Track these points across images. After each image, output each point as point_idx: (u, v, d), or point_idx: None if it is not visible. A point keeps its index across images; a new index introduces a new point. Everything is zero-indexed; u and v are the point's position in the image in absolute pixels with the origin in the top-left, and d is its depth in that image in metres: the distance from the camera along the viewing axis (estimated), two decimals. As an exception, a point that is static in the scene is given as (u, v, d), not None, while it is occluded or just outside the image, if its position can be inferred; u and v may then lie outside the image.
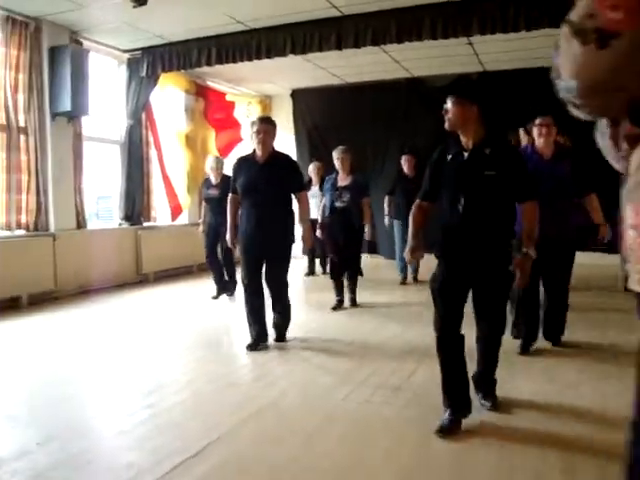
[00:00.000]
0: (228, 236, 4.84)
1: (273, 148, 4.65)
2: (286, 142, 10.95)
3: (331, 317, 5.82)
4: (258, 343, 4.60)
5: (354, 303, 6.28)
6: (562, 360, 4.10)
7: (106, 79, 8.22)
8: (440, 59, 8.55)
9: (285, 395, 3.46)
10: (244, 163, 4.71)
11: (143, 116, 8.42)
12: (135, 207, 8.28)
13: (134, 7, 5.16)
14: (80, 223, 7.34)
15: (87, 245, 7.30)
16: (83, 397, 3.55)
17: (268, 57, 7.12)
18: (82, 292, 7.10)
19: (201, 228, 7.02)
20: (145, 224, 8.51)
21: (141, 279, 8.22)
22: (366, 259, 10.23)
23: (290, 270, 4.74)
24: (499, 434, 2.84)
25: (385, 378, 3.71)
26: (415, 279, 7.83)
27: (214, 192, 6.80)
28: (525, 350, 4.33)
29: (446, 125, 2.97)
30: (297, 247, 5.65)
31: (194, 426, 2.99)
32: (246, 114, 10.55)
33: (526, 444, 2.72)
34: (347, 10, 6.54)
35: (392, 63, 8.81)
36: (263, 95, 11.22)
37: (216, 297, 6.89)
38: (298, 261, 8.20)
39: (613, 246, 7.73)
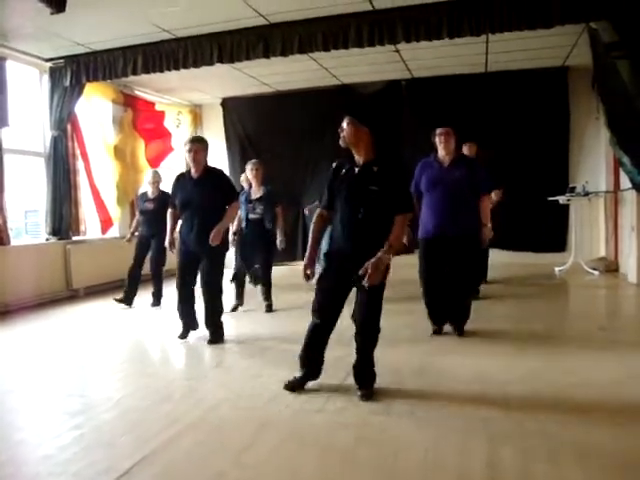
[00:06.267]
0: (167, 242, 5.23)
1: (206, 164, 5.03)
2: (218, 151, 10.87)
3: (264, 324, 5.81)
4: (186, 334, 5.13)
5: (270, 309, 6.42)
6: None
7: (28, 89, 7.94)
8: (368, 66, 8.68)
9: (218, 407, 3.40)
10: (181, 179, 5.11)
11: (69, 127, 8.15)
12: (63, 221, 8.00)
13: (52, 14, 4.97)
14: (3, 240, 7.03)
15: (11, 262, 7.00)
16: (6, 423, 3.38)
17: (195, 66, 7.05)
18: (7, 311, 6.80)
19: (127, 237, 7.34)
20: (74, 238, 8.24)
21: (71, 295, 7.95)
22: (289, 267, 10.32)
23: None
24: (422, 435, 2.87)
25: (317, 385, 3.69)
26: None
27: (150, 205, 7.05)
28: (436, 332, 4.94)
29: (340, 142, 3.42)
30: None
31: (123, 445, 2.90)
32: (176, 124, 10.41)
33: (448, 443, 2.77)
34: (274, 18, 6.55)
35: (321, 70, 8.88)
36: (193, 104, 11.10)
37: (122, 301, 7.03)
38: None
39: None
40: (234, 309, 6.43)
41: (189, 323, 5.14)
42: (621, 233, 8.40)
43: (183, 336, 5.12)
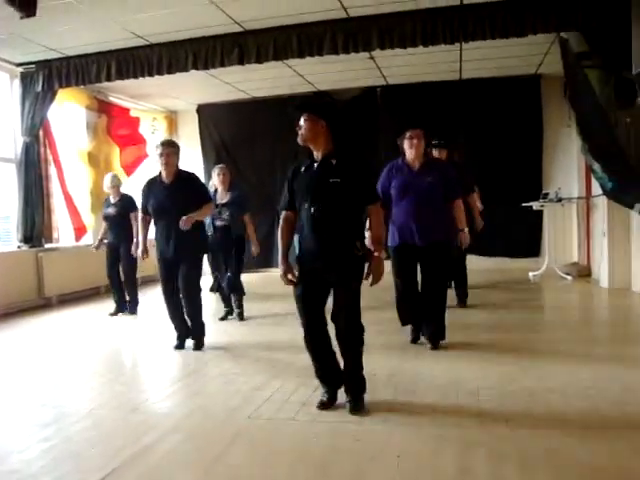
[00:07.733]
0: (140, 250, 5.21)
1: (177, 168, 4.93)
2: (193, 158, 10.82)
3: (239, 331, 5.79)
4: (182, 344, 5.03)
5: (241, 318, 6.29)
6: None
7: (-2, 94, 7.84)
8: (344, 73, 8.73)
9: (191, 416, 3.37)
10: (153, 185, 4.98)
11: (41, 133, 8.05)
12: (35, 228, 7.88)
13: (21, 18, 4.89)
14: (-28, 247, 6.93)
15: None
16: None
17: (169, 72, 7.02)
18: (-24, 320, 6.69)
19: (94, 244, 7.23)
20: (47, 245, 8.12)
21: (44, 303, 7.83)
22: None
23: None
24: (395, 443, 2.87)
25: (291, 393, 3.68)
26: None
27: (112, 210, 6.88)
28: (414, 341, 4.84)
29: (299, 139, 3.29)
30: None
31: (93, 457, 2.84)
32: (151, 130, 10.34)
33: (421, 450, 2.77)
34: (249, 25, 6.56)
35: (297, 77, 8.90)
36: (168, 110, 11.03)
37: (114, 314, 6.92)
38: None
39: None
40: (224, 317, 6.31)
41: (184, 331, 5.03)
42: (593, 239, 8.52)
43: (179, 346, 5.00)
